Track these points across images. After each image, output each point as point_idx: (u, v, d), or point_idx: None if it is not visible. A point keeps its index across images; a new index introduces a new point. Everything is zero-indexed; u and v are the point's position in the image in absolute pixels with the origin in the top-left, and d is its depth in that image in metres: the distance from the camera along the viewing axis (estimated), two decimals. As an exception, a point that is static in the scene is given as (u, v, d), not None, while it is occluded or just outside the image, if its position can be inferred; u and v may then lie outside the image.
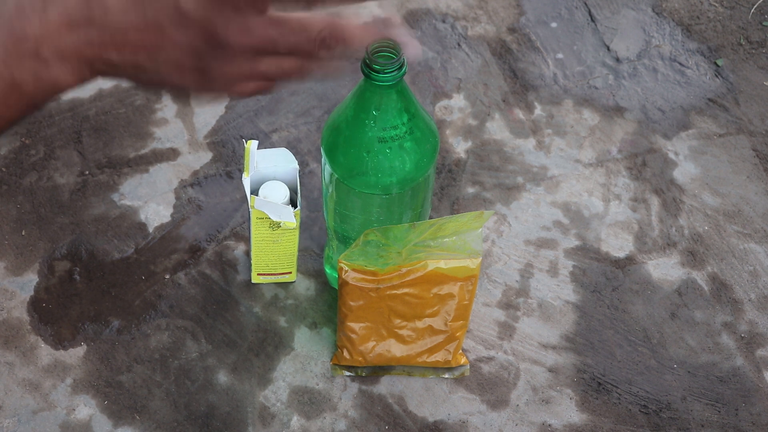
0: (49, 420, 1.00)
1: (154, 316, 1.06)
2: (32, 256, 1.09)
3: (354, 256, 0.93)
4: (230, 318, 1.06)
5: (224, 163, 1.16)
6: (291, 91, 1.23)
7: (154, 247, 1.10)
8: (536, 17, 1.31)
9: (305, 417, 1.00)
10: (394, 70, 0.86)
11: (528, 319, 1.07)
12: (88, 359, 1.03)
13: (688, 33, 1.30)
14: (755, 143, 1.20)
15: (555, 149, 1.19)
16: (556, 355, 1.04)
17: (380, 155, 0.90)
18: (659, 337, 1.06)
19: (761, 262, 1.11)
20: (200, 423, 0.99)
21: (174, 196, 1.14)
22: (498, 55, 1.27)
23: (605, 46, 1.29)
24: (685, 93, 1.24)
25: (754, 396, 1.03)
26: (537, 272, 1.10)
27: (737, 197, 1.16)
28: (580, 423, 1.00)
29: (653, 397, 1.02)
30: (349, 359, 1.01)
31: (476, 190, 1.16)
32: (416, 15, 1.30)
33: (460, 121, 1.21)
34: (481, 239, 0.93)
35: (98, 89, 1.22)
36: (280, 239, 1.01)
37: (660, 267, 1.10)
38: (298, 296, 1.07)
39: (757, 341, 1.06)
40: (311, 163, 1.17)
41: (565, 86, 1.25)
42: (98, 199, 1.13)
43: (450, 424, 1.00)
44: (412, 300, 0.95)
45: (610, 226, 1.13)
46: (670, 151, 1.19)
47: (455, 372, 1.02)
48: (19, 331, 1.05)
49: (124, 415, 1.00)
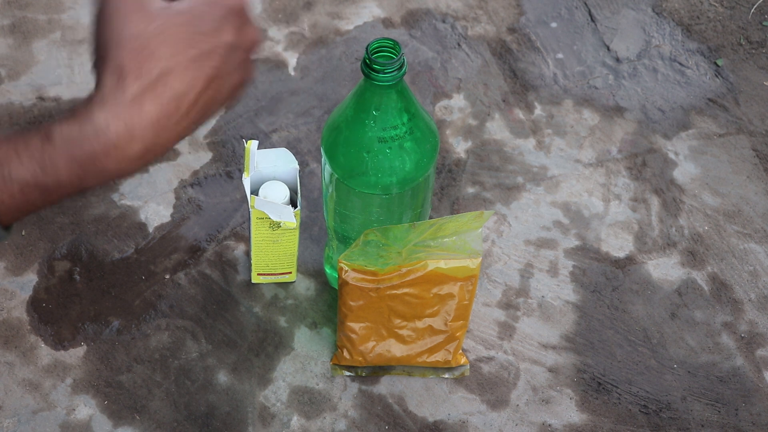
0: (49, 420, 1.00)
1: (154, 316, 1.06)
2: (32, 256, 1.09)
3: (354, 256, 0.93)
4: (230, 318, 1.06)
5: (224, 163, 1.16)
6: (291, 91, 1.23)
7: (154, 247, 1.10)
8: (536, 17, 1.31)
9: (305, 417, 1.00)
10: (394, 70, 0.86)
11: (528, 319, 1.07)
12: (88, 359, 1.03)
13: (688, 33, 1.30)
14: (755, 143, 1.20)
15: (555, 149, 1.19)
16: (556, 355, 1.04)
17: (380, 155, 0.90)
18: (659, 337, 1.06)
19: (761, 262, 1.11)
20: (200, 423, 0.99)
21: (174, 196, 1.14)
22: (498, 55, 1.27)
23: (605, 46, 1.29)
24: (685, 93, 1.25)
25: (754, 396, 1.03)
26: (537, 272, 1.10)
27: (737, 197, 1.16)
28: (580, 423, 1.00)
29: (653, 397, 1.02)
30: (349, 359, 1.01)
31: (476, 190, 1.16)
32: (416, 15, 1.30)
33: (460, 121, 1.21)
34: (481, 239, 0.93)
35: (98, 89, 1.22)
36: (280, 239, 1.01)
37: (660, 267, 1.10)
38: (298, 296, 1.07)
39: (757, 341, 1.06)
40: (311, 163, 1.17)
41: (565, 86, 1.25)
42: (98, 199, 1.13)
43: (450, 424, 1.00)
44: (412, 300, 0.95)
45: (610, 226, 1.13)
46: (670, 151, 1.19)
47: (455, 372, 1.02)
48: (19, 331, 1.05)
49: (124, 415, 1.00)
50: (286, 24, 1.29)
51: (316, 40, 1.27)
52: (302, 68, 1.25)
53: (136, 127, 0.59)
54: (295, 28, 1.28)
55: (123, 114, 0.59)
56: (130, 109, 0.59)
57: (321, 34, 1.28)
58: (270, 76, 1.24)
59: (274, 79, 1.24)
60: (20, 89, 1.22)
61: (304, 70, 1.25)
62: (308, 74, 1.24)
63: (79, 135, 0.59)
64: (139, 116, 0.59)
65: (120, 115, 0.59)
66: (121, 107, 0.59)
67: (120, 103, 0.59)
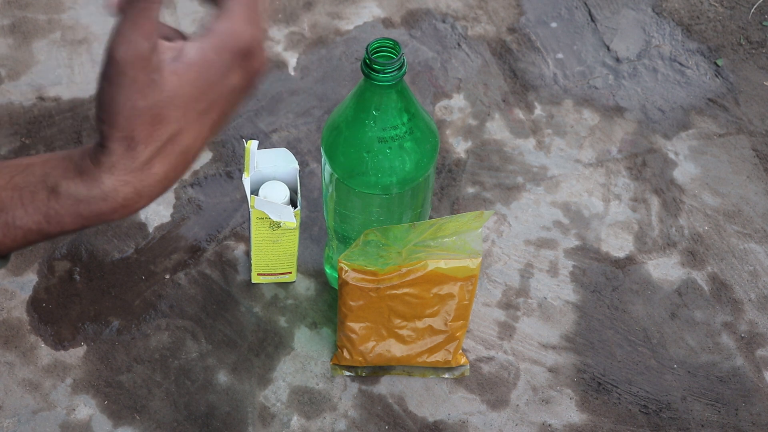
0: (49, 420, 1.00)
1: (154, 316, 1.06)
2: (32, 256, 1.09)
3: (354, 256, 0.93)
4: (230, 318, 1.06)
5: (224, 163, 1.16)
6: (291, 91, 1.23)
7: (154, 247, 1.10)
8: (536, 17, 1.31)
9: (305, 417, 1.00)
10: (394, 70, 0.86)
11: (528, 319, 1.07)
12: (88, 359, 1.03)
13: (688, 33, 1.30)
14: (755, 143, 1.20)
15: (555, 149, 1.19)
16: (556, 355, 1.04)
17: (380, 155, 0.90)
18: (659, 337, 1.06)
19: (761, 262, 1.11)
20: (200, 423, 0.99)
21: (174, 196, 1.14)
22: (498, 55, 1.27)
23: (605, 46, 1.29)
24: (685, 93, 1.24)
25: (754, 396, 1.03)
26: (537, 272, 1.10)
27: (737, 197, 1.16)
28: (580, 423, 1.00)
29: (653, 397, 1.02)
30: (349, 359, 1.01)
31: (476, 190, 1.16)
32: (416, 15, 1.30)
33: (460, 121, 1.21)
34: (481, 239, 0.93)
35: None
36: (280, 239, 1.01)
37: (660, 267, 1.10)
38: (298, 296, 1.07)
39: (757, 341, 1.06)
40: (311, 163, 1.17)
41: (565, 86, 1.25)
42: (98, 199, 1.13)
43: (450, 424, 1.00)
44: (412, 300, 0.95)
45: (610, 226, 1.13)
46: (670, 151, 1.19)
47: (455, 372, 1.02)
48: (19, 331, 1.05)
49: (124, 415, 1.00)
50: (286, 24, 1.29)
51: (316, 40, 1.27)
52: (302, 68, 1.25)
53: (145, 188, 0.60)
54: (295, 28, 1.28)
55: (133, 180, 0.59)
56: (139, 174, 0.59)
57: (321, 34, 1.28)
58: (270, 76, 1.24)
59: (274, 79, 1.24)
60: (20, 89, 1.22)
61: (304, 70, 1.25)
62: (308, 74, 1.24)
63: (87, 196, 0.60)
64: (149, 178, 0.59)
65: (130, 182, 0.59)
66: (131, 174, 0.59)
67: (130, 171, 0.59)
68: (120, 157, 0.58)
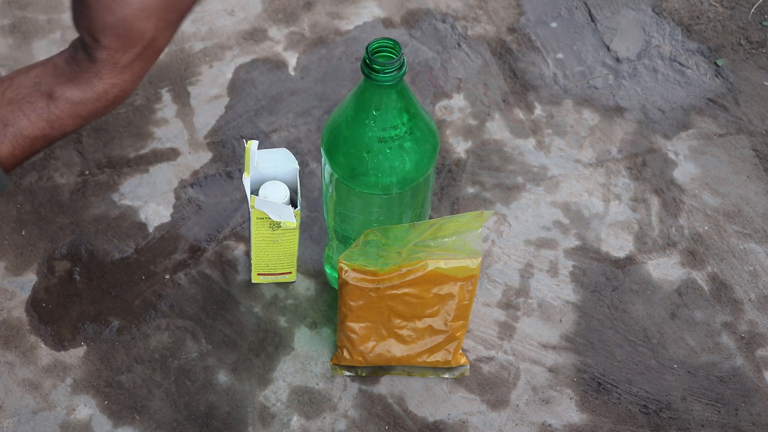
0: (49, 420, 1.00)
1: (154, 316, 1.06)
2: (32, 256, 1.09)
3: (354, 256, 0.93)
4: (230, 318, 1.06)
5: (224, 163, 1.16)
6: (291, 91, 1.23)
7: (154, 247, 1.10)
8: (536, 17, 1.31)
9: (305, 417, 1.00)
10: (394, 70, 0.86)
11: (528, 319, 1.07)
12: (88, 359, 1.03)
13: (688, 33, 1.30)
14: (755, 143, 1.20)
15: (555, 149, 1.19)
16: (556, 355, 1.04)
17: (380, 155, 0.90)
18: (659, 337, 1.06)
19: (761, 262, 1.11)
20: (200, 423, 0.99)
21: (174, 196, 1.14)
22: (498, 55, 1.27)
23: (605, 46, 1.29)
24: (685, 93, 1.25)
25: (754, 396, 1.03)
26: (537, 272, 1.10)
27: (737, 197, 1.16)
28: (580, 423, 1.00)
29: (653, 397, 1.02)
30: (349, 359, 1.01)
31: (476, 190, 1.16)
32: (416, 15, 1.30)
33: (460, 121, 1.21)
34: (481, 239, 0.93)
35: (98, 89, 1.22)
36: (280, 239, 1.01)
37: (660, 267, 1.10)
38: (298, 296, 1.07)
39: (757, 341, 1.06)
40: (311, 163, 1.17)
41: (565, 86, 1.25)
42: (98, 199, 1.13)
43: (450, 424, 1.00)
44: (412, 300, 0.95)
45: (610, 226, 1.13)
46: (670, 151, 1.19)
47: (455, 372, 1.02)
48: (19, 331, 1.05)
49: (124, 415, 1.00)
50: (286, 24, 1.29)
51: (316, 40, 1.27)
52: (302, 68, 1.25)
53: (130, 84, 0.69)
54: (295, 28, 1.28)
55: (118, 81, 0.69)
56: (123, 74, 0.69)
57: (321, 34, 1.28)
58: (270, 76, 1.24)
59: (274, 79, 1.24)
60: (20, 89, 1.21)
61: (304, 70, 1.25)
62: (308, 74, 1.24)
63: (82, 98, 0.68)
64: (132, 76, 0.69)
65: (117, 83, 0.69)
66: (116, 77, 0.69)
67: (116, 75, 0.69)
68: (104, 64, 0.68)
